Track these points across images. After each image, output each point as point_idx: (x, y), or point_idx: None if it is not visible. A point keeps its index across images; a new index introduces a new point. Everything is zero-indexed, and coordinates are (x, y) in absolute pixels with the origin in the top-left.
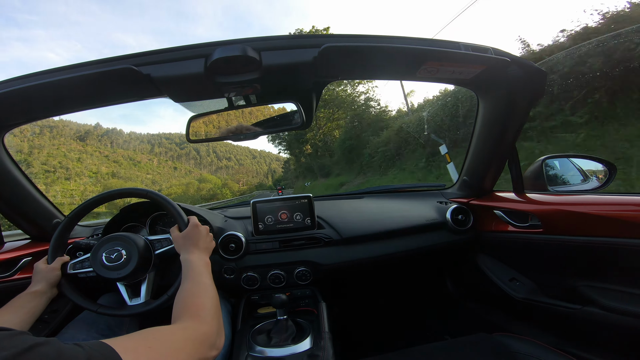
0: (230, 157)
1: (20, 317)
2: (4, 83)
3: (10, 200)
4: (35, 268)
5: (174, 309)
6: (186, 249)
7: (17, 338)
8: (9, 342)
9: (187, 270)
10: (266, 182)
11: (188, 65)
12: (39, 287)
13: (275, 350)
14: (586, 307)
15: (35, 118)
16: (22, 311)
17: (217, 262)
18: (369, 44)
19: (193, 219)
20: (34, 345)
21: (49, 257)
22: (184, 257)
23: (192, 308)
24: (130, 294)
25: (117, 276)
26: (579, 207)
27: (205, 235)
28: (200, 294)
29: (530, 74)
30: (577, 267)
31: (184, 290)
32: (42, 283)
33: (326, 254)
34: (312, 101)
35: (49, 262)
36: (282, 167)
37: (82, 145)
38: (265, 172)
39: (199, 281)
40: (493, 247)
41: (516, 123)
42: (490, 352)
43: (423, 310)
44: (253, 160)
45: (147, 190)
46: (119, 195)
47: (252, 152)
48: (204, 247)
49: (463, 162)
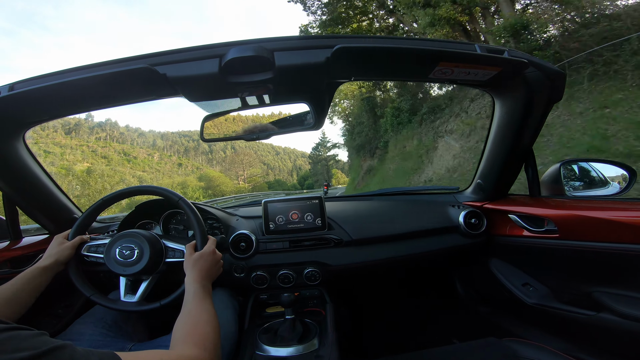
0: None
1: (25, 292)
2: (26, 81)
3: (29, 196)
4: (54, 240)
5: (176, 332)
6: (194, 272)
7: (36, 339)
8: (28, 343)
9: (191, 296)
10: (290, 179)
11: (203, 65)
12: (48, 263)
13: (281, 349)
14: (601, 313)
15: (56, 116)
16: (28, 287)
17: (228, 260)
18: (381, 44)
19: (211, 243)
20: (52, 349)
21: (72, 232)
22: (189, 279)
23: (196, 336)
24: (127, 289)
25: (123, 272)
26: (598, 212)
27: (216, 263)
28: (204, 322)
29: (549, 75)
30: (593, 273)
31: (187, 317)
32: (52, 259)
33: (336, 255)
34: (324, 102)
35: (70, 239)
36: (308, 162)
37: (68, 139)
38: (290, 169)
39: (202, 309)
40: (506, 251)
41: (533, 126)
42: (499, 357)
43: (432, 314)
44: (276, 156)
45: (179, 197)
46: (153, 192)
47: (275, 149)
48: (211, 275)
49: (477, 165)
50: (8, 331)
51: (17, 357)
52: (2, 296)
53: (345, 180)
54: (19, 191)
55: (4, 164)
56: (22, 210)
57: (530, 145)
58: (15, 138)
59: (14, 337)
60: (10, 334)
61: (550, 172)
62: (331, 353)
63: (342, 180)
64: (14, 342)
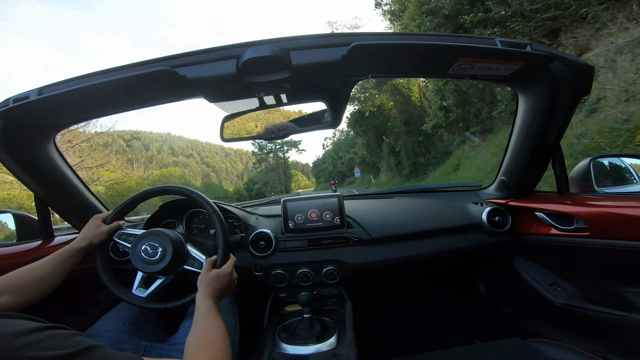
0: (192, 154)
1: (58, 272)
2: (54, 85)
3: (61, 197)
4: (91, 220)
5: (188, 346)
6: (208, 288)
7: (73, 339)
8: (66, 342)
9: (203, 312)
10: (239, 183)
11: (220, 66)
12: (83, 245)
13: (299, 348)
14: (632, 313)
15: (83, 119)
16: (62, 267)
17: (247, 259)
18: (398, 41)
19: (231, 263)
20: (87, 348)
21: (110, 216)
22: (202, 295)
23: (210, 351)
24: (141, 283)
25: (142, 268)
26: (631, 209)
27: (230, 284)
28: (216, 337)
29: (576, 69)
30: (625, 272)
31: (199, 332)
32: (87, 241)
33: (354, 254)
34: (341, 100)
35: (107, 222)
36: (255, 166)
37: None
38: (241, 171)
39: (214, 324)
40: (533, 250)
41: (560, 121)
42: (523, 357)
43: (453, 313)
44: (225, 158)
45: (214, 209)
46: (189, 195)
47: (225, 150)
48: (223, 294)
49: (501, 162)
50: (48, 330)
51: (56, 354)
52: (35, 274)
53: (307, 184)
54: (51, 192)
55: (37, 166)
56: (53, 210)
57: (558, 140)
58: (46, 140)
59: (54, 336)
60: (50, 333)
61: (579, 168)
62: (349, 352)
63: (303, 184)
64: (54, 340)
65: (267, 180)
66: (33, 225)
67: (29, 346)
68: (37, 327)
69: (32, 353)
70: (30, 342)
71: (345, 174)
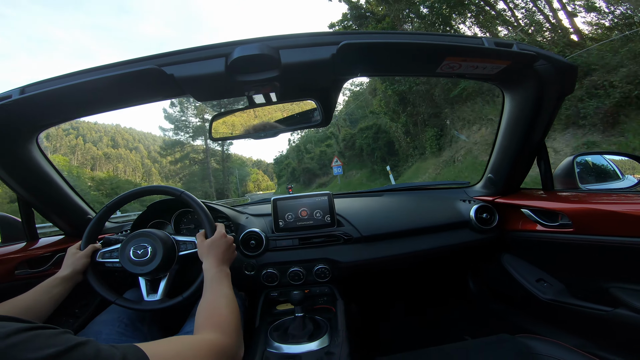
0: (138, 147)
1: (44, 301)
2: (37, 84)
3: (45, 198)
4: (67, 252)
5: (197, 318)
6: (209, 258)
7: (60, 337)
8: (53, 340)
9: (209, 281)
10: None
11: (209, 64)
12: (66, 273)
13: (292, 346)
14: (617, 309)
15: (68, 118)
16: (47, 296)
17: (238, 258)
18: (387, 40)
19: (220, 228)
20: (76, 345)
21: (83, 243)
22: (206, 266)
23: (215, 320)
24: (149, 289)
25: (140, 271)
26: (614, 206)
27: (229, 246)
28: (222, 306)
29: (560, 68)
30: (609, 268)
31: (206, 302)
32: (69, 269)
33: (345, 252)
34: (331, 98)
35: (82, 249)
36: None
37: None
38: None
39: (220, 293)
40: (519, 246)
41: (545, 119)
42: (512, 353)
43: (443, 310)
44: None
45: (181, 191)
46: (154, 192)
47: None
48: (227, 258)
49: (488, 160)
50: (32, 330)
51: (43, 355)
52: (21, 305)
53: (269, 185)
54: (34, 193)
55: (19, 166)
56: (37, 211)
57: (542, 138)
58: (29, 141)
59: (39, 336)
60: (34, 333)
61: (563, 166)
62: (342, 350)
63: (265, 184)
64: (40, 339)
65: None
66: (16, 226)
67: (15, 347)
68: (22, 328)
69: (18, 354)
70: (15, 343)
71: (315, 172)
